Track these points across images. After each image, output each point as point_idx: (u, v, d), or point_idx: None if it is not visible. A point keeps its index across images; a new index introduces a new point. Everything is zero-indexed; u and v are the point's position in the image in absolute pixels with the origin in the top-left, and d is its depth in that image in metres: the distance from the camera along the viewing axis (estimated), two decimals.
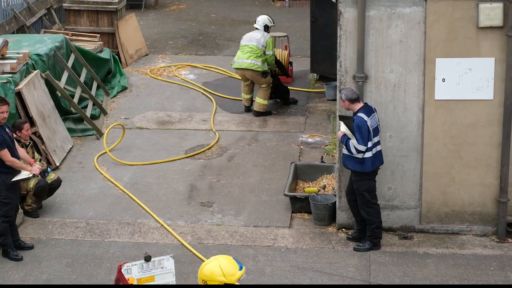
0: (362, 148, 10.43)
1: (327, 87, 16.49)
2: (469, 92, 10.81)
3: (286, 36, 18.85)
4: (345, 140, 10.53)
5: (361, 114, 10.47)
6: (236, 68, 15.82)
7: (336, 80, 11.30)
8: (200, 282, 6.88)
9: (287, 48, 17.96)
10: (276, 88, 16.07)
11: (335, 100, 13.67)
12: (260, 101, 15.64)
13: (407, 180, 11.14)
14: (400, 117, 10.95)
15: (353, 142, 10.45)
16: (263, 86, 15.60)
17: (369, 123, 10.46)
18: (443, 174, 11.07)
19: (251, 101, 15.93)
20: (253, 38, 15.61)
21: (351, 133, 10.48)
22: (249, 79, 15.69)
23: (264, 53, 15.49)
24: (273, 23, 16.20)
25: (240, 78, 16.18)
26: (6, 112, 10.54)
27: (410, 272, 10.38)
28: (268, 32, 15.91)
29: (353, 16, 10.69)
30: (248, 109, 15.94)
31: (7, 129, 10.61)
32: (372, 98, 10.85)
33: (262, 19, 15.96)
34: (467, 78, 10.77)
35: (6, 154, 10.42)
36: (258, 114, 15.67)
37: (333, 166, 12.43)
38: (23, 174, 10.69)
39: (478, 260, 10.67)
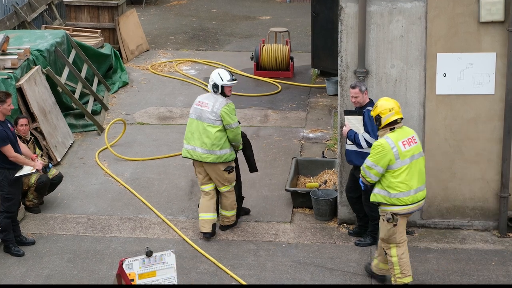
0: (373, 141, 10.39)
1: (328, 82, 16.49)
2: (470, 87, 10.81)
3: (287, 31, 18.86)
4: (352, 134, 10.48)
5: (370, 108, 10.46)
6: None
7: (337, 75, 11.30)
8: None
9: (288, 43, 17.96)
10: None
11: (336, 95, 13.68)
12: (225, 213, 11.30)
13: None
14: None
15: (364, 135, 10.42)
16: (225, 189, 11.14)
17: None
18: (444, 169, 11.07)
19: (214, 225, 11.15)
20: (204, 110, 10.89)
21: (357, 128, 10.46)
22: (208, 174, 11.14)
23: (224, 127, 10.87)
24: (232, 78, 10.95)
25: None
26: (11, 103, 10.61)
27: (411, 267, 10.37)
28: (226, 94, 10.99)
29: (354, 11, 10.69)
30: (210, 235, 11.11)
31: (9, 125, 10.62)
32: (373, 93, 10.85)
33: (211, 77, 11.01)
34: (468, 73, 10.77)
35: (9, 149, 10.43)
36: (224, 228, 11.34)
37: (334, 161, 12.43)
38: (26, 170, 10.70)
39: (479, 255, 10.67)
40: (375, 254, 10.02)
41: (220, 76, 10.89)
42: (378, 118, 9.40)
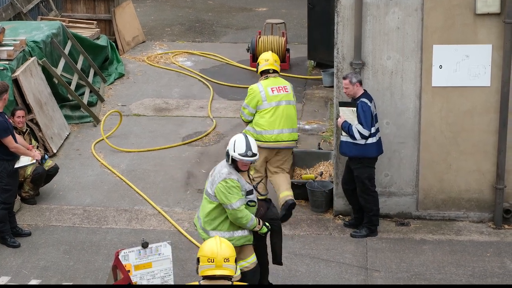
0: (366, 133, 10.42)
1: (324, 74, 16.48)
2: (466, 79, 10.82)
3: (283, 23, 18.83)
4: (347, 126, 10.50)
5: (364, 99, 10.47)
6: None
7: (333, 67, 11.30)
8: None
9: (284, 35, 17.94)
10: None
11: (332, 87, 13.65)
12: None
13: (404, 167, 11.15)
14: (397, 104, 10.95)
15: (357, 127, 10.43)
16: None
17: (372, 109, 10.48)
18: (440, 161, 11.08)
19: None
20: (209, 180, 8.82)
21: (352, 119, 10.47)
22: None
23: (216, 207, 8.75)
24: (247, 153, 8.53)
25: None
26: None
27: (406, 258, 10.40)
28: (240, 169, 8.66)
29: (351, 3, 10.68)
30: None
31: (6, 116, 10.62)
32: (369, 85, 10.86)
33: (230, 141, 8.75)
34: (464, 65, 10.77)
35: (10, 140, 10.43)
36: None
37: (330, 153, 12.44)
38: (25, 160, 10.70)
39: (474, 246, 10.70)
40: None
41: (235, 144, 8.60)
42: (257, 65, 11.33)
